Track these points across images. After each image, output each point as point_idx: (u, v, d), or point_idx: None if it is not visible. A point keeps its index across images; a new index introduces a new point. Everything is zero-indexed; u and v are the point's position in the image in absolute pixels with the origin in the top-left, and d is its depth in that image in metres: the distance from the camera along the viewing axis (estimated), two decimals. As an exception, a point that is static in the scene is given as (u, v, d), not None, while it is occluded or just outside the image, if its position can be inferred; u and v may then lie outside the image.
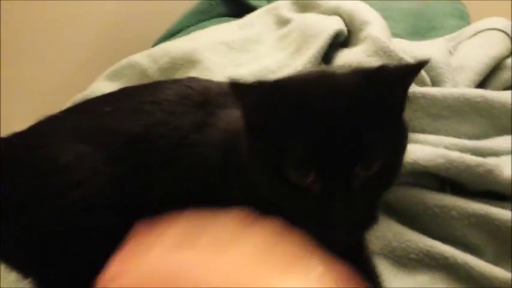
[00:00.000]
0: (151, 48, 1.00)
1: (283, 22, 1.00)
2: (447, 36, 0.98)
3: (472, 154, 0.62)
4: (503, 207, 0.60)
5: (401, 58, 0.77)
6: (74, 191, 0.51)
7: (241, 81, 0.41)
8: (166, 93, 0.56)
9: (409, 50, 0.82)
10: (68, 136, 0.54)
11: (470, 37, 0.93)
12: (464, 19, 1.14)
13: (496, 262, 0.58)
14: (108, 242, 0.40)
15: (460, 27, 1.03)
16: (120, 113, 0.55)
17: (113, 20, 1.24)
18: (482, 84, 0.83)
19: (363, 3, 0.95)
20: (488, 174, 0.59)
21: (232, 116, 0.51)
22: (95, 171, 0.52)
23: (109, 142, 0.53)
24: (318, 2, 1.00)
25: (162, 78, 0.91)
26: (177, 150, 0.52)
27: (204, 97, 0.55)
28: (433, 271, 0.57)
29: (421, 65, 0.42)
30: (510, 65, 0.84)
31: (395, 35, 0.91)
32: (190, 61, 0.90)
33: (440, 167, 0.60)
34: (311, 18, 0.95)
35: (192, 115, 0.54)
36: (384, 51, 0.78)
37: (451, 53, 0.90)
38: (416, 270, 0.58)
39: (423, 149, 0.63)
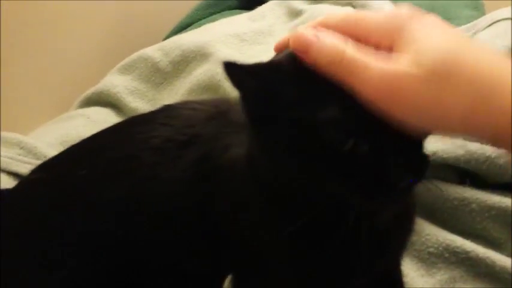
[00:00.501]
0: (163, 42, 0.99)
1: (295, 14, 0.99)
2: (462, 27, 0.97)
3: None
4: (524, 200, 0.59)
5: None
6: (53, 274, 0.48)
7: (238, 63, 0.36)
8: (141, 141, 0.49)
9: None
10: (49, 209, 0.50)
11: (486, 27, 0.91)
12: (479, 9, 1.13)
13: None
14: None
15: (474, 18, 1.01)
16: (94, 177, 0.49)
17: (125, 14, 1.23)
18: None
19: (376, -6, 0.93)
20: (509, 165, 0.58)
21: (232, 149, 0.45)
22: (74, 252, 0.48)
23: (91, 212, 0.48)
24: (331, -8, 0.99)
25: (174, 71, 0.91)
26: (176, 208, 0.46)
27: (186, 136, 0.48)
28: (452, 268, 0.57)
29: None
30: (527, 56, 0.82)
31: (409, 26, 0.90)
32: (202, 54, 0.89)
33: (460, 159, 0.59)
34: (324, 9, 0.93)
35: (181, 160, 0.46)
36: (399, 41, 0.76)
37: (466, 43, 0.88)
38: (436, 268, 0.57)
39: (442, 140, 0.62)
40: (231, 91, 0.81)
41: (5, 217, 0.51)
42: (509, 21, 0.90)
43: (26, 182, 0.56)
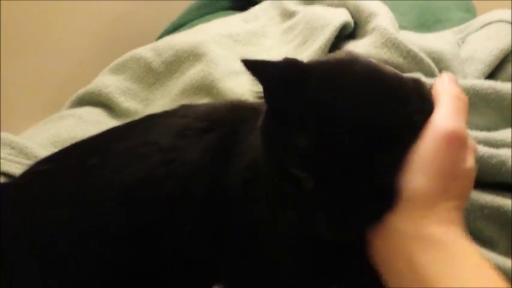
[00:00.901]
0: (156, 42, 0.98)
1: (288, 15, 0.99)
2: (454, 29, 0.97)
3: (484, 145, 0.61)
4: (515, 199, 0.59)
5: (410, 50, 0.76)
6: (59, 268, 0.47)
7: (254, 60, 0.39)
8: (160, 130, 0.49)
9: (417, 42, 0.81)
10: (52, 202, 0.49)
11: (478, 29, 0.92)
12: (470, 12, 1.13)
13: (508, 255, 0.57)
14: None
15: (466, 20, 1.02)
16: (108, 163, 0.48)
17: (117, 14, 1.23)
18: (490, 76, 0.82)
19: (369, -5, 0.93)
20: (502, 165, 0.58)
21: (251, 137, 0.47)
22: (81, 242, 0.47)
23: (98, 201, 0.47)
24: (324, -6, 0.99)
25: (167, 71, 0.90)
26: (188, 190, 0.46)
27: (206, 122, 0.49)
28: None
29: None
30: (518, 58, 0.83)
31: (401, 27, 0.90)
32: (195, 54, 0.88)
33: (453, 158, 0.59)
34: (317, 10, 0.93)
35: (201, 144, 0.47)
36: (392, 42, 0.77)
37: (459, 45, 0.89)
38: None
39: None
40: (223, 91, 0.81)
41: (7, 208, 0.50)
42: (501, 23, 0.90)
43: (30, 173, 0.55)
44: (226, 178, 0.46)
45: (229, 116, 0.50)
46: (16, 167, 0.72)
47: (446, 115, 0.39)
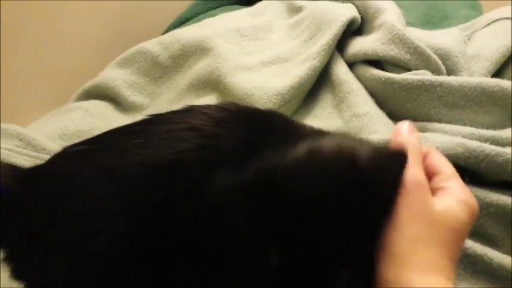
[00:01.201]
0: (162, 36, 0.99)
1: (295, 9, 0.99)
2: (461, 26, 0.97)
3: (490, 144, 0.61)
4: (521, 198, 0.59)
5: (418, 46, 0.76)
6: (94, 240, 0.46)
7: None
8: (201, 118, 0.50)
9: (423, 39, 0.81)
10: (89, 177, 0.48)
11: (484, 26, 0.92)
12: (476, 9, 1.13)
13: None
14: None
15: (472, 17, 1.02)
16: (149, 143, 0.49)
17: (124, 8, 1.23)
18: (496, 74, 0.82)
19: (376, -9, 0.93)
20: (508, 164, 0.59)
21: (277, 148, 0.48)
22: (116, 216, 0.46)
23: (135, 177, 0.47)
24: (331, -11, 0.99)
25: (174, 65, 0.91)
26: (212, 175, 0.46)
27: (246, 119, 0.50)
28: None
29: None
30: (524, 55, 0.83)
31: (407, 24, 0.90)
32: (202, 48, 0.89)
33: (460, 156, 0.60)
34: (324, 5, 0.93)
35: (238, 135, 0.48)
36: (400, 38, 0.77)
37: (465, 42, 0.89)
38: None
39: (442, 138, 0.62)
40: (230, 86, 0.81)
41: (47, 185, 0.49)
42: (507, 21, 0.90)
43: (64, 154, 0.53)
44: (246, 175, 0.46)
45: (263, 121, 0.52)
46: (24, 159, 0.72)
47: None
